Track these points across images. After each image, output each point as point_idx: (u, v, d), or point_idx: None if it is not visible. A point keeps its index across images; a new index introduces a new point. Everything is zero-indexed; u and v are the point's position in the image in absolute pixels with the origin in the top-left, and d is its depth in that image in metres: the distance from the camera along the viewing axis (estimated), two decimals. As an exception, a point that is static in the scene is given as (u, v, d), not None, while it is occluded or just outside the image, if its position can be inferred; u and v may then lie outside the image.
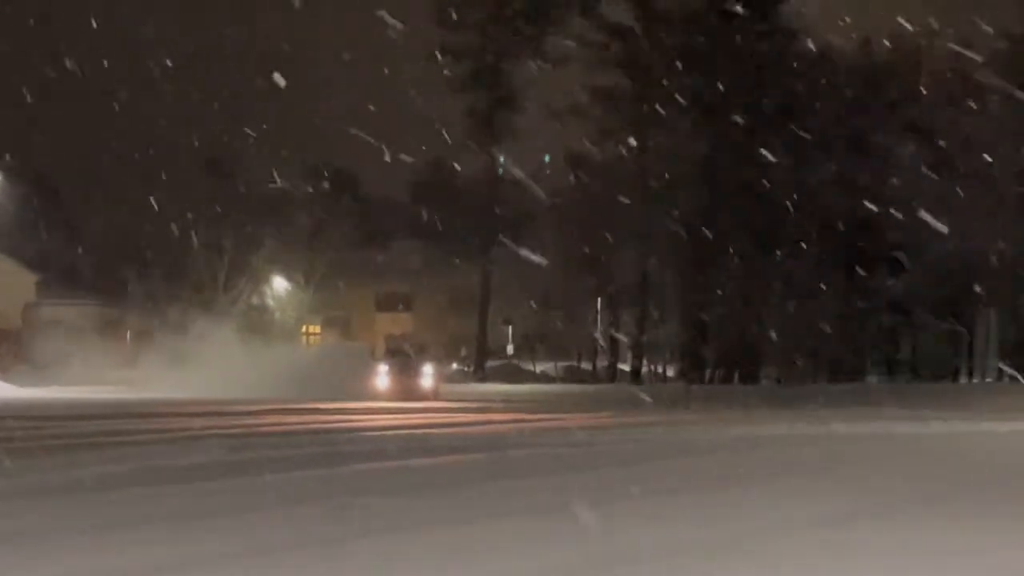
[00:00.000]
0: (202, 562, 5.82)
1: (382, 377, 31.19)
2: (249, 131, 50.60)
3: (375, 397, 29.36)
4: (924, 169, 40.28)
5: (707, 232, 43.63)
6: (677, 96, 45.54)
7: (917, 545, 6.58)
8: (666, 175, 46.62)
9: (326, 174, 57.72)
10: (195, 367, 35.44)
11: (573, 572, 5.72)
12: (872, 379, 46.69)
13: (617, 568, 5.80)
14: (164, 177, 49.65)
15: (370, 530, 6.89)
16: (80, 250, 53.40)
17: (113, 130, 48.55)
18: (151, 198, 48.22)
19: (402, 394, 29.84)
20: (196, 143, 51.09)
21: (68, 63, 45.85)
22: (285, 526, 7.10)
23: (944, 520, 7.59)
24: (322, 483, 9.28)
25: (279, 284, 55.94)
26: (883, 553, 6.29)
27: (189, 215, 49.82)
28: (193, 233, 50.08)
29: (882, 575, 5.76)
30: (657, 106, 46.15)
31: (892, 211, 40.82)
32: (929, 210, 37.30)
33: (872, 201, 40.74)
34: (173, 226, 49.27)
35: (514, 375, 49.90)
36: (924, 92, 40.10)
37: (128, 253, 49.19)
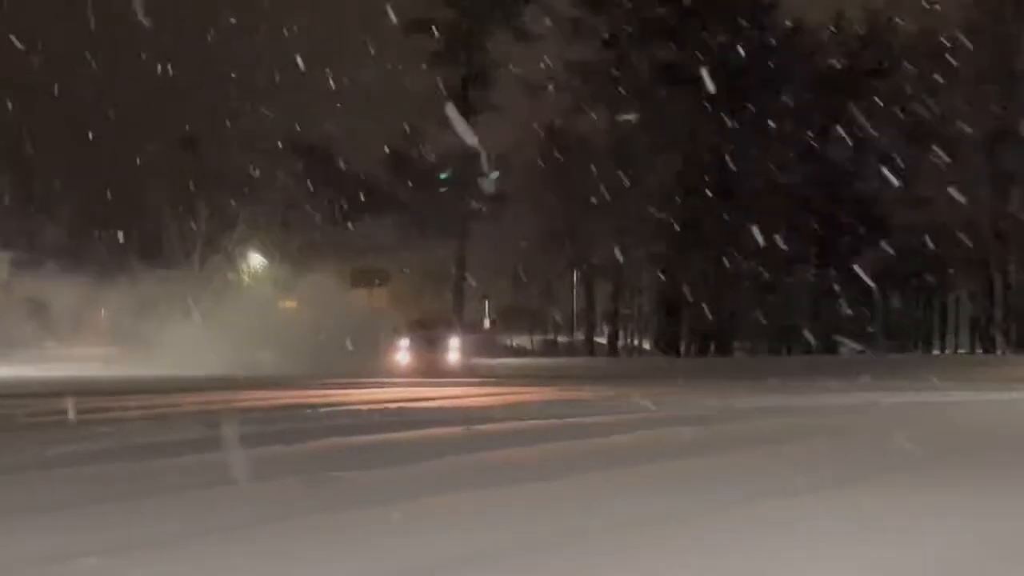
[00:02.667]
0: (162, 541, 5.77)
1: (403, 352, 29.50)
2: (222, 108, 50.27)
3: (397, 374, 27.47)
4: (898, 141, 40.47)
5: (682, 205, 43.77)
6: (651, 69, 45.56)
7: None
8: (640, 148, 46.65)
9: (300, 150, 57.49)
10: (173, 344, 35.31)
11: (563, 540, 5.72)
12: (844, 351, 47.01)
13: (611, 534, 5.84)
14: (137, 154, 49.31)
15: (347, 502, 6.90)
16: (53, 228, 53.03)
17: (85, 107, 48.12)
18: (125, 175, 47.89)
19: (426, 370, 27.80)
20: (169, 120, 50.70)
21: (37, 36, 45.40)
22: (251, 501, 7.07)
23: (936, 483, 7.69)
24: (297, 457, 9.29)
25: (255, 260, 55.79)
26: (874, 517, 6.38)
27: (163, 192, 49.57)
28: (167, 210, 49.83)
29: (878, 536, 5.83)
30: (631, 79, 46.16)
31: (866, 183, 41.05)
32: (903, 182, 37.54)
33: (846, 173, 40.93)
34: (147, 203, 49.02)
35: (491, 349, 50.00)
36: (898, 64, 40.18)
37: (102, 230, 48.92)
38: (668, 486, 7.65)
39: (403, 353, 29.50)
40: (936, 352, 47.94)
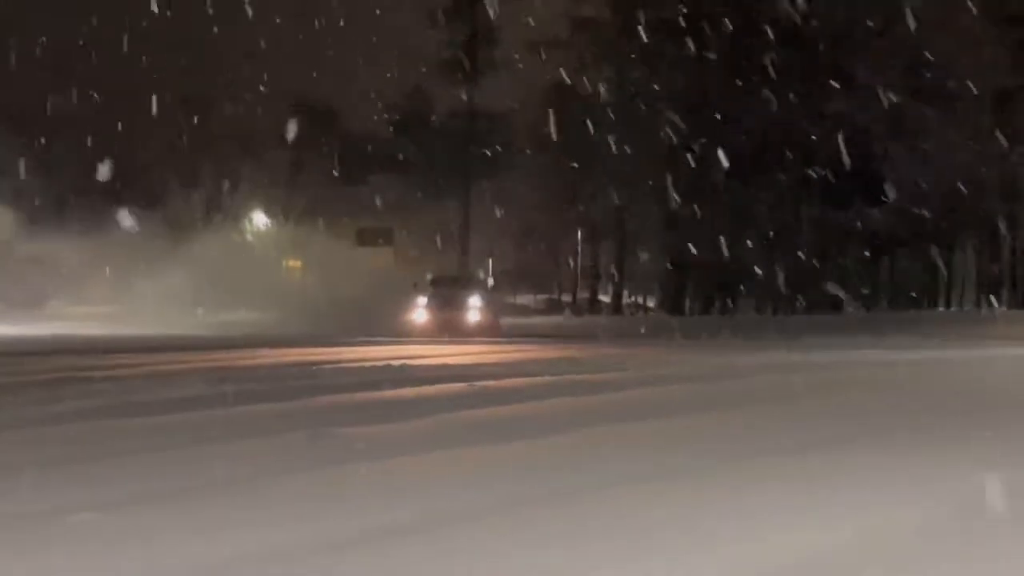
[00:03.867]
0: (161, 496, 5.76)
1: (420, 311, 28.14)
2: (226, 67, 50.09)
3: (414, 334, 26.37)
4: (905, 98, 40.20)
5: (687, 164, 43.58)
6: (657, 27, 45.21)
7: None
8: (645, 106, 46.43)
9: (304, 110, 57.30)
10: (176, 303, 35.33)
11: (556, 497, 5.69)
12: (850, 309, 46.95)
13: (611, 490, 5.83)
14: (141, 112, 49.16)
15: (346, 458, 6.89)
16: (56, 186, 52.98)
17: (88, 65, 47.94)
18: (128, 133, 47.82)
19: (445, 330, 26.63)
20: (172, 78, 50.55)
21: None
22: (251, 457, 7.05)
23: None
24: (299, 414, 9.29)
25: (259, 220, 55.80)
26: (871, 471, 6.38)
27: (166, 151, 49.51)
28: (171, 169, 49.78)
29: (868, 493, 5.81)
30: (639, 37, 45.81)
31: (873, 141, 40.85)
32: (910, 139, 37.32)
33: (853, 131, 40.68)
34: (150, 162, 48.97)
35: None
36: (906, 20, 39.81)
37: (106, 190, 48.88)
38: (664, 443, 7.62)
39: (420, 312, 28.22)
40: (941, 309, 47.86)
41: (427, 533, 4.90)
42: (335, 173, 56.93)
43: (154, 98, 48.82)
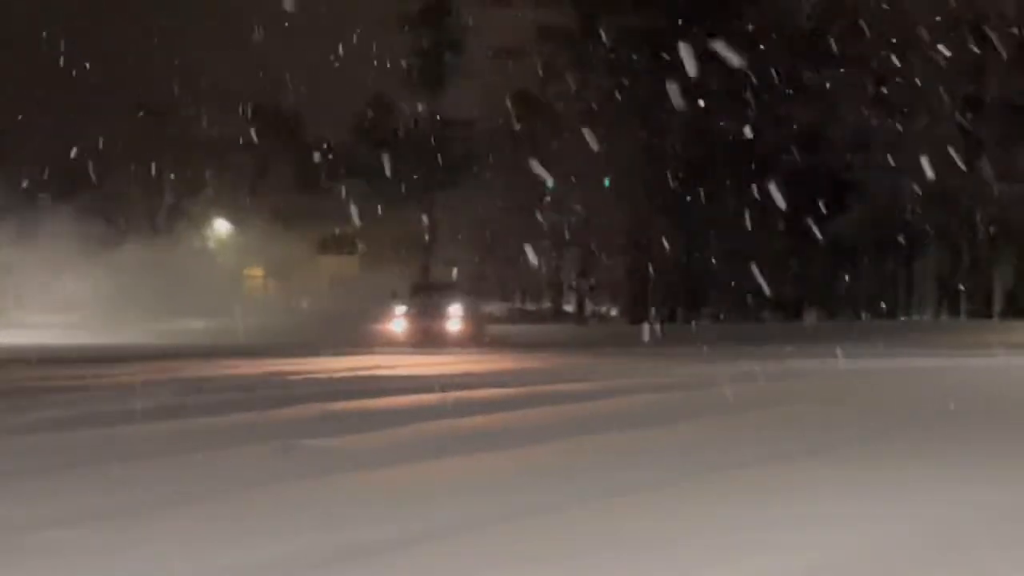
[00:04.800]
0: (127, 510, 5.64)
1: (399, 320, 26.88)
2: (187, 72, 49.72)
3: (393, 344, 25.20)
4: (867, 108, 40.51)
5: (651, 171, 43.71)
6: (621, 36, 45.35)
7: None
8: (609, 115, 46.52)
9: (267, 116, 56.99)
10: (138, 312, 34.99)
11: (518, 513, 5.60)
12: (811, 317, 47.21)
13: (589, 504, 5.77)
14: (101, 118, 48.72)
15: (315, 471, 6.78)
16: (15, 193, 52.37)
17: (47, 70, 47.45)
18: (88, 140, 47.35)
19: (425, 340, 25.40)
20: (133, 84, 50.12)
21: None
22: (219, 470, 6.93)
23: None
24: (266, 425, 9.18)
25: (221, 227, 55.43)
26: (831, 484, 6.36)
27: (128, 157, 49.08)
28: (132, 176, 49.36)
29: (829, 506, 5.79)
30: (604, 46, 45.93)
31: (835, 150, 41.13)
32: (872, 149, 37.59)
33: (816, 140, 40.95)
34: (111, 168, 48.53)
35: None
36: (867, 30, 40.14)
37: (65, 195, 48.39)
38: (639, 456, 7.57)
39: (399, 321, 26.90)
40: (903, 318, 48.21)
41: (404, 549, 4.83)
42: (298, 180, 56.64)
43: (114, 104, 48.46)
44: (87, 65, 42.92)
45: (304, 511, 5.65)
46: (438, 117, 52.39)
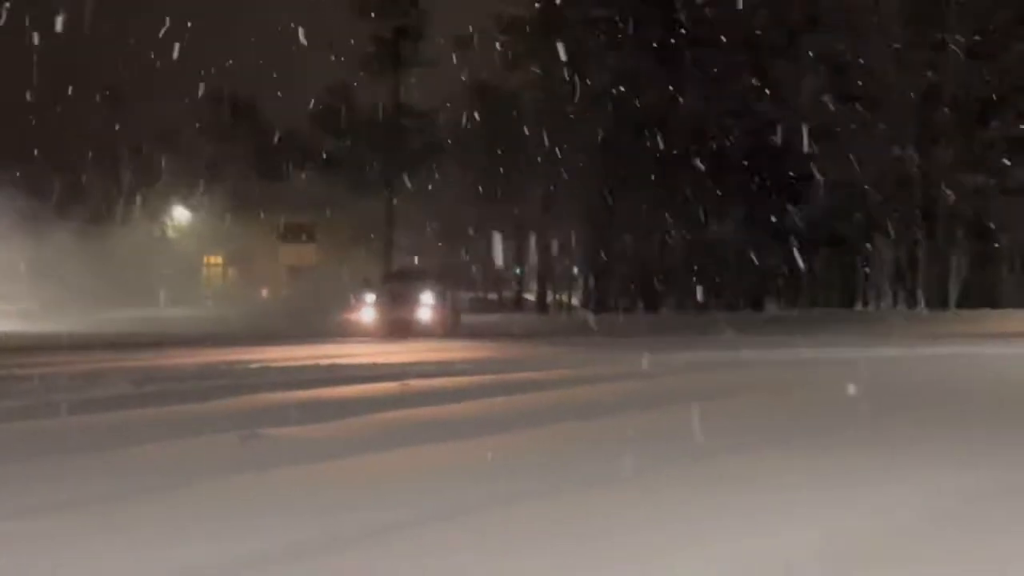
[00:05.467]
0: (85, 503, 5.52)
1: (367, 310, 25.71)
2: (146, 59, 49.22)
3: (362, 334, 24.41)
4: (825, 98, 40.70)
5: (611, 162, 43.77)
6: (583, 26, 45.34)
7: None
8: (571, 103, 46.49)
9: (226, 103, 56.61)
10: (96, 299, 34.63)
11: (486, 505, 5.55)
12: (771, 307, 47.45)
13: (528, 501, 5.74)
14: (59, 105, 48.17)
15: (276, 461, 6.71)
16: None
17: (4, 57, 46.82)
18: (46, 126, 46.81)
19: (395, 330, 24.52)
20: (91, 70, 49.60)
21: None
22: (180, 460, 6.85)
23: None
24: (227, 414, 9.10)
25: (180, 214, 55.00)
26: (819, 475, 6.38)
27: (85, 143, 48.57)
28: (89, 162, 48.86)
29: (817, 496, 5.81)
30: (564, 35, 45.83)
31: (794, 140, 41.31)
32: (830, 139, 37.82)
33: (774, 130, 41.11)
34: (68, 155, 48.01)
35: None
36: (825, 20, 40.32)
37: (22, 182, 47.78)
38: (604, 444, 7.57)
39: (367, 310, 25.64)
40: (859, 308, 48.53)
41: (371, 540, 4.78)
42: (258, 168, 56.30)
43: (71, 91, 47.90)
44: (41, 50, 42.33)
45: (266, 503, 5.56)
46: (399, 105, 52.20)
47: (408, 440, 7.48)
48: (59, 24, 37.39)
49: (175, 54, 41.55)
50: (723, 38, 43.61)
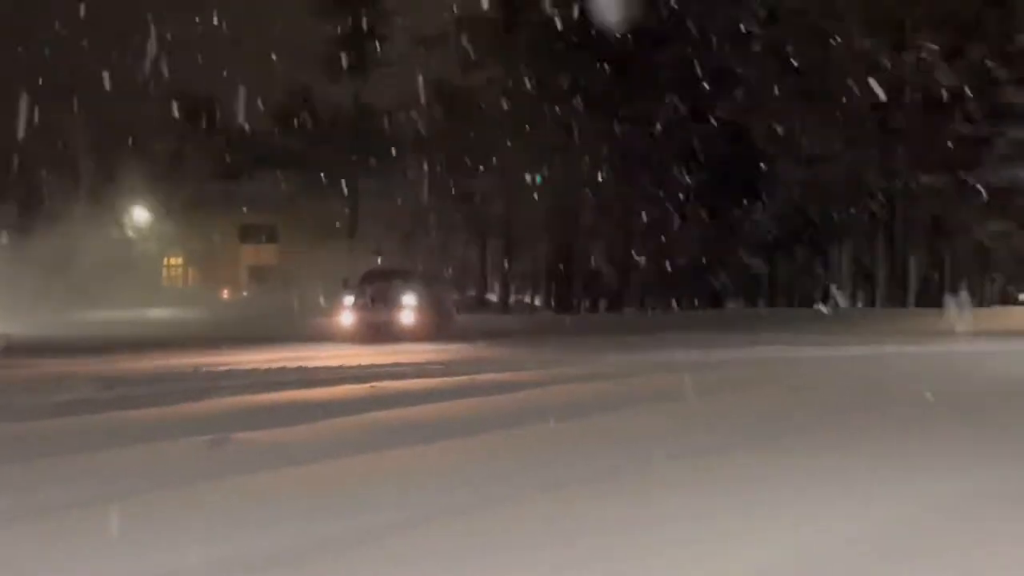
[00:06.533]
0: (47, 509, 5.39)
1: (346, 313, 23.72)
2: (105, 58, 48.75)
3: (340, 338, 22.74)
4: (786, 99, 40.89)
5: (573, 162, 43.79)
6: (543, 25, 45.29)
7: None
8: (533, 104, 46.47)
9: (186, 103, 56.09)
10: (58, 303, 34.21)
11: (468, 510, 5.50)
12: (732, 306, 47.68)
13: (504, 505, 5.68)
14: (17, 105, 47.55)
15: (244, 466, 6.60)
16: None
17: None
18: (3, 127, 46.19)
19: (374, 333, 22.67)
20: (50, 71, 49.05)
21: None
22: (145, 465, 6.70)
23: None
24: (193, 418, 8.98)
25: (140, 215, 54.52)
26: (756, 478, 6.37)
27: (44, 145, 47.97)
28: (50, 162, 48.33)
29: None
30: (525, 35, 45.85)
31: (754, 140, 41.54)
32: (791, 139, 38.03)
33: (735, 130, 41.28)
34: (27, 156, 47.41)
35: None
36: (785, 21, 40.52)
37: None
38: (561, 449, 7.49)
39: (346, 313, 23.67)
40: (818, 307, 48.80)
41: (346, 548, 4.71)
42: (218, 168, 55.89)
43: (27, 89, 47.23)
44: (4, 49, 41.80)
45: (234, 509, 5.45)
46: (361, 105, 52.01)
47: (377, 444, 7.39)
48: (15, 21, 36.87)
49: (135, 53, 41.17)
50: (682, 37, 43.76)
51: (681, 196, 44.41)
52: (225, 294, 53.72)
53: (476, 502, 5.56)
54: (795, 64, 40.92)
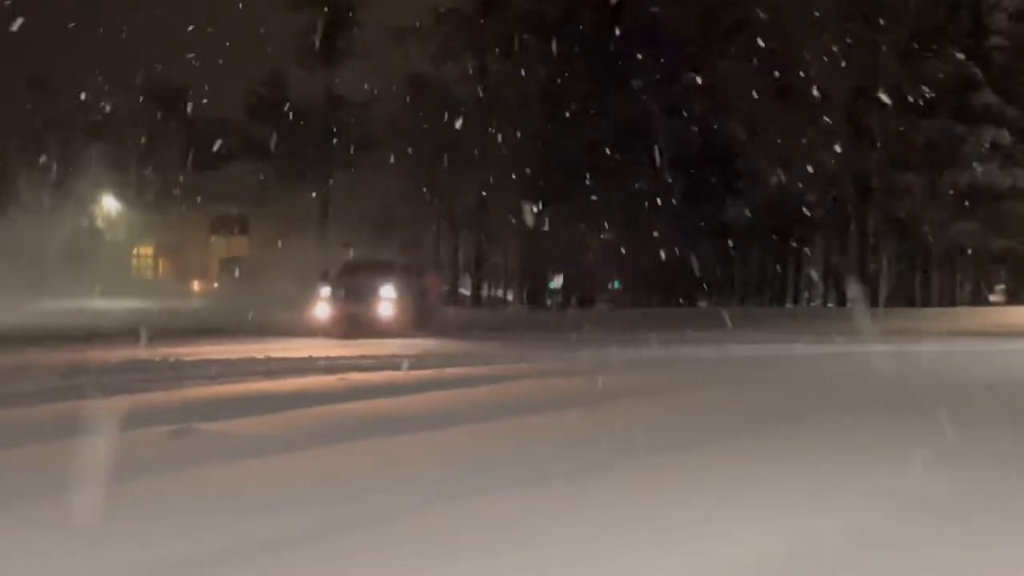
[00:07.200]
0: (4, 503, 5.26)
1: (322, 305, 22.82)
2: (76, 45, 48.35)
3: (319, 333, 21.81)
4: (759, 96, 40.96)
5: (548, 157, 43.75)
6: (518, 18, 45.28)
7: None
8: (507, 98, 46.43)
9: (157, 92, 55.76)
10: (24, 292, 33.83)
11: (410, 508, 5.39)
12: (703, 304, 47.73)
13: (473, 497, 5.59)
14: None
15: (207, 456, 6.49)
16: None
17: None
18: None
19: (352, 327, 21.78)
20: (18, 57, 48.61)
21: None
22: (107, 456, 6.52)
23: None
24: (159, 408, 8.85)
25: (109, 205, 54.10)
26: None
27: (11, 132, 47.58)
28: (15, 151, 47.89)
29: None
30: (500, 29, 45.79)
31: (727, 137, 41.59)
32: (763, 137, 38.09)
33: (710, 128, 41.32)
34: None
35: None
36: (762, 19, 40.53)
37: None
38: (539, 443, 7.42)
39: (322, 306, 22.76)
40: (790, 305, 48.99)
41: (311, 542, 4.61)
42: (189, 158, 55.54)
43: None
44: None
45: (191, 501, 5.35)
46: (333, 96, 51.80)
47: (340, 436, 7.29)
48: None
49: (107, 42, 40.80)
50: (657, 34, 43.78)
51: (654, 192, 44.43)
52: (196, 285, 53.40)
53: (420, 501, 5.45)
54: (768, 61, 40.96)
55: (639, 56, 43.45)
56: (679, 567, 4.35)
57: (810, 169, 39.97)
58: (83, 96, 50.02)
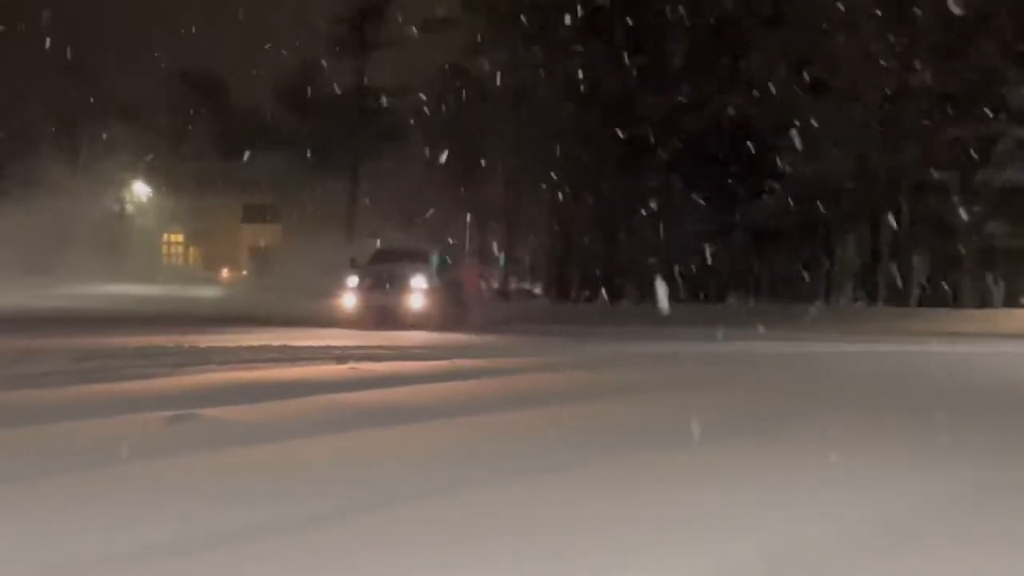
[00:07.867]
0: (6, 484, 5.20)
1: (349, 295, 21.83)
2: (111, 33, 48.61)
3: (345, 324, 20.87)
4: (792, 92, 40.65)
5: (578, 150, 43.57)
6: (552, 9, 45.07)
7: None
8: (537, 90, 46.26)
9: (191, 80, 56.02)
10: (56, 276, 34.09)
11: (410, 498, 5.27)
12: (731, 300, 47.38)
13: (465, 489, 5.46)
14: (19, 76, 47.49)
15: (205, 443, 6.40)
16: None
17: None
18: (5, 98, 46.10)
19: (380, 319, 20.87)
20: (54, 42, 48.86)
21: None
22: (108, 439, 6.50)
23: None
24: (162, 393, 8.78)
25: (140, 190, 54.40)
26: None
27: (45, 116, 47.92)
28: (52, 137, 48.25)
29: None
30: (531, 20, 45.60)
31: (758, 133, 41.27)
32: (796, 133, 37.75)
33: (742, 123, 40.99)
34: (29, 127, 47.33)
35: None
36: (793, 14, 40.20)
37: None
38: (543, 434, 7.30)
39: (349, 297, 21.78)
40: (819, 304, 48.56)
41: (301, 530, 4.50)
42: (220, 146, 55.75)
43: (31, 62, 47.21)
44: (8, 22, 41.67)
45: (180, 488, 5.26)
46: (364, 85, 51.84)
47: (343, 425, 7.20)
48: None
49: (141, 28, 40.97)
50: (691, 28, 43.50)
51: (683, 187, 44.19)
52: (225, 273, 53.62)
53: (421, 490, 5.34)
54: (803, 57, 40.64)
55: (670, 48, 43.22)
56: (678, 567, 4.23)
57: (842, 165, 39.62)
58: (116, 82, 50.30)
